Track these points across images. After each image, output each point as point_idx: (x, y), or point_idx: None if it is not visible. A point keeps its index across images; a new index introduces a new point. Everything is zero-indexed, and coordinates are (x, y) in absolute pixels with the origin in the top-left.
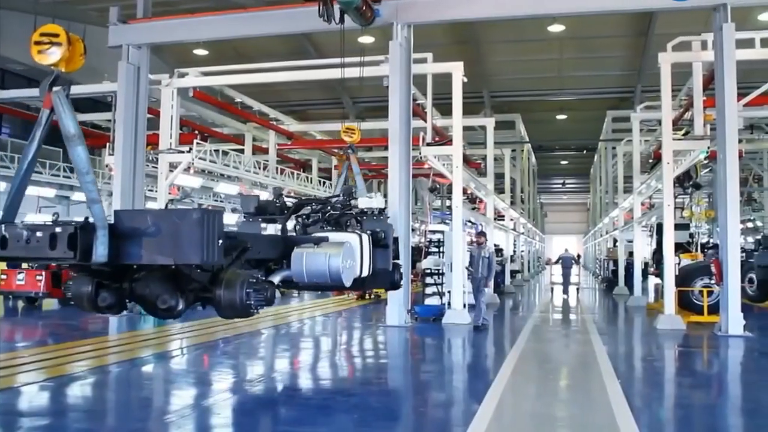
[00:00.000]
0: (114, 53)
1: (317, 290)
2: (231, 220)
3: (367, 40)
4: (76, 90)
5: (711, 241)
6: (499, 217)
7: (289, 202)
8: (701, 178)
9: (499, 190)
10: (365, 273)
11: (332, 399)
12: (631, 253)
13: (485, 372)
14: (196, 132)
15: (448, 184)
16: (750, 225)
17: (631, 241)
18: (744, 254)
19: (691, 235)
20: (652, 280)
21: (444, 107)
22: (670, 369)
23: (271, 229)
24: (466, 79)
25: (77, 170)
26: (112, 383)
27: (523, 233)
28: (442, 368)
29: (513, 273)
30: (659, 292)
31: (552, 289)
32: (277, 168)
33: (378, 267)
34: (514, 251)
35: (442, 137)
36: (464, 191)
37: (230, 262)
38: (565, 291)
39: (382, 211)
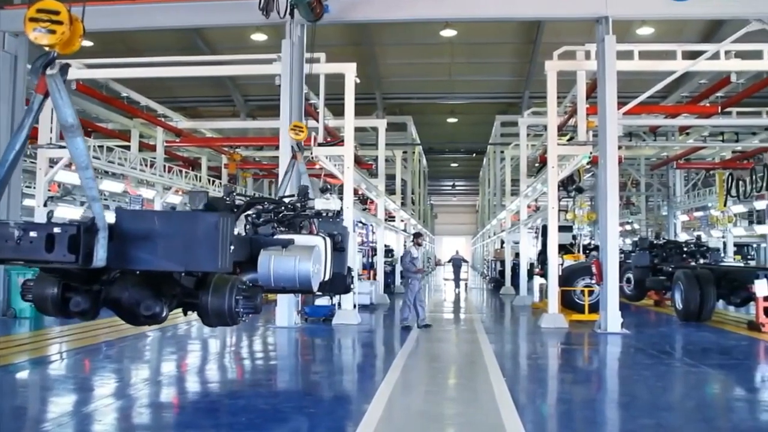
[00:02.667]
0: None
1: (282, 293)
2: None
3: (260, 37)
4: None
5: (592, 242)
6: (389, 218)
7: (240, 200)
8: (584, 182)
9: (390, 191)
10: (327, 277)
11: (220, 402)
12: (517, 254)
13: (375, 372)
14: None
15: (340, 184)
16: (628, 227)
17: (517, 243)
18: (622, 255)
19: (574, 237)
20: (537, 280)
21: (336, 108)
22: (553, 366)
23: None
24: (358, 80)
25: (76, 164)
26: None
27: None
28: (332, 368)
29: (403, 273)
30: (544, 291)
31: (443, 288)
32: (164, 166)
33: (335, 271)
34: (404, 252)
35: (334, 138)
36: (355, 192)
37: None
38: (457, 286)
39: (338, 213)
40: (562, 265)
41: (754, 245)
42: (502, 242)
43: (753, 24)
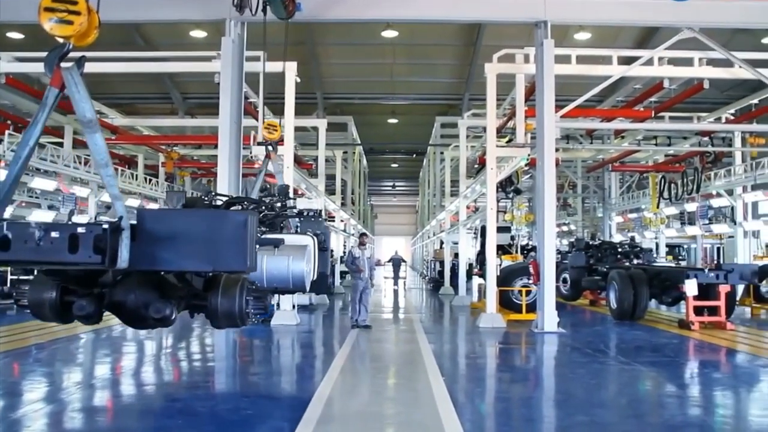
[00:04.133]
0: None
1: (273, 293)
2: (45, 217)
3: (199, 34)
4: None
5: (530, 243)
6: (329, 218)
7: (218, 200)
8: (522, 183)
9: (330, 191)
10: (314, 277)
11: (156, 405)
12: (456, 255)
13: (314, 372)
14: (9, 122)
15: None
16: (565, 228)
17: (456, 243)
18: (559, 256)
19: (513, 238)
20: (476, 281)
21: (276, 107)
22: (491, 365)
23: None
24: (299, 80)
25: (96, 162)
26: None
27: (353, 234)
28: (270, 370)
29: (342, 274)
30: (482, 291)
31: (383, 287)
32: None
33: (320, 271)
34: (344, 252)
35: None
36: (295, 192)
37: None
38: (396, 283)
39: (320, 213)
40: (500, 265)
41: (685, 246)
42: (442, 243)
43: (684, 32)
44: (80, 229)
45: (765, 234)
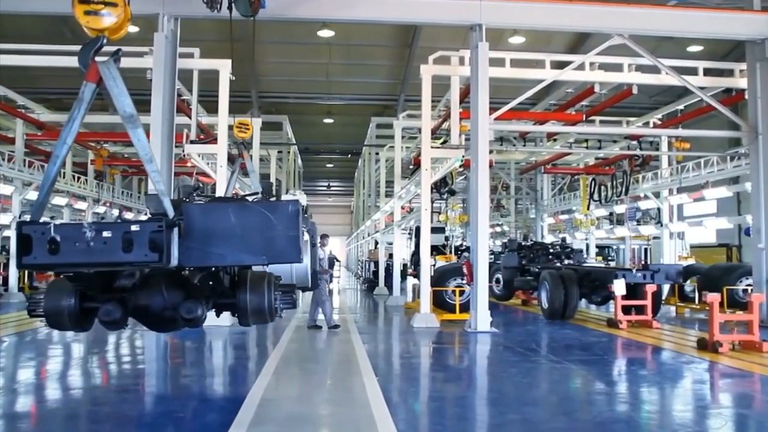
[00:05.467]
0: None
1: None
2: None
3: (131, 29)
4: None
5: (464, 243)
6: None
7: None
8: (456, 184)
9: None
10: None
11: (82, 409)
12: (391, 255)
13: (247, 374)
14: None
15: (212, 183)
16: (498, 229)
17: (391, 244)
18: (492, 256)
19: (447, 238)
20: (410, 281)
21: (210, 105)
22: (425, 365)
23: None
24: (233, 78)
25: (141, 157)
26: None
27: None
28: (202, 372)
29: None
30: (416, 292)
31: None
32: (24, 160)
33: (312, 267)
34: None
35: (207, 135)
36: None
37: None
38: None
39: (306, 208)
40: (434, 265)
41: (614, 247)
42: (377, 243)
43: (615, 38)
44: (134, 227)
45: (689, 235)
